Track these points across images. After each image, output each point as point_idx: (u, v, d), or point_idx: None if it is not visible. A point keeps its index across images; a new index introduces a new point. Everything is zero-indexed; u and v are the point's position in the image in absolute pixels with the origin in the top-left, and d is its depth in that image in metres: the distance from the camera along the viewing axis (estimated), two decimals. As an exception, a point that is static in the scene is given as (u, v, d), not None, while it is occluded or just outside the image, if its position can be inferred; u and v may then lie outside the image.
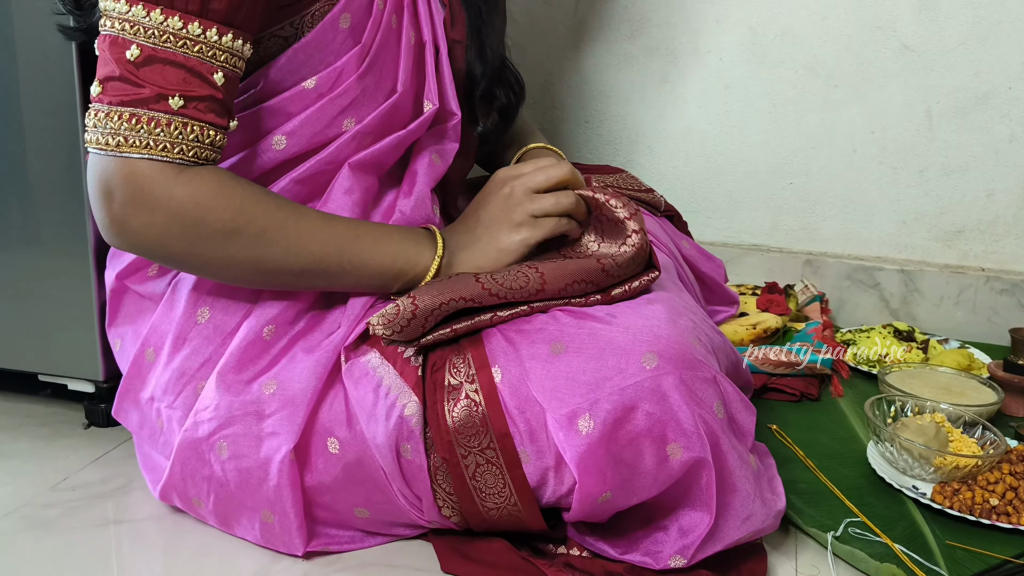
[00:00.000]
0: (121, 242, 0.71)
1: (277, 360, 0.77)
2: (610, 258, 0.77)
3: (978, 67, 1.26)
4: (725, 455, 0.70)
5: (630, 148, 1.44)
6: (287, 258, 0.73)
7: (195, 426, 0.77)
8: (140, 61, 0.66)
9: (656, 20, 1.38)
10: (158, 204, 0.68)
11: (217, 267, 0.73)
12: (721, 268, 1.15)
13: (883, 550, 0.76)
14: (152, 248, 0.71)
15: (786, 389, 1.09)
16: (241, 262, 0.72)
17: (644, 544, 0.73)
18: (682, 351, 0.69)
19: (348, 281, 0.76)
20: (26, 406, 1.10)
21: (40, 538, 0.81)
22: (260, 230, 0.71)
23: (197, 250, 0.71)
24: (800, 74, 1.34)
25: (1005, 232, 1.31)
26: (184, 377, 0.79)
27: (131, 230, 0.69)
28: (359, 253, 0.75)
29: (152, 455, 0.86)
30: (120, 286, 0.85)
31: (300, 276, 0.74)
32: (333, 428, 0.75)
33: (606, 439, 0.68)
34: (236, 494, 0.77)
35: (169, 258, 0.72)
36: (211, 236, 0.70)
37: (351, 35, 0.76)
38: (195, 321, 0.78)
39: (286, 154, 0.77)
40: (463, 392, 0.72)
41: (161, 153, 0.67)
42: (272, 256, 0.72)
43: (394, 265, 0.76)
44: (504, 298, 0.73)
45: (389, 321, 0.70)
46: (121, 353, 0.86)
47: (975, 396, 1.01)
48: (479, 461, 0.72)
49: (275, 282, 0.75)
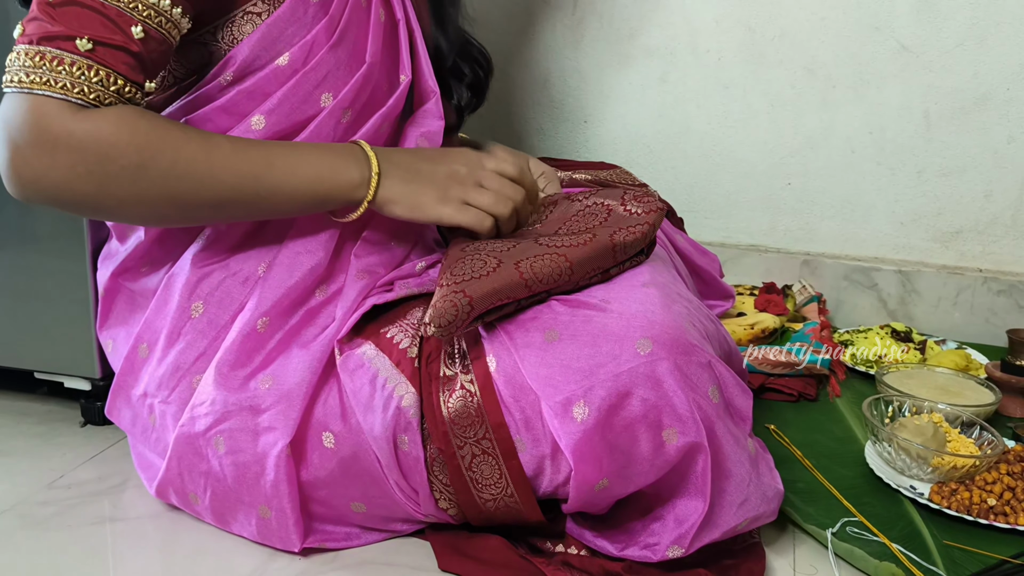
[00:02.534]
0: (23, 188, 0.68)
1: (273, 356, 0.77)
2: (620, 237, 0.75)
3: (976, 68, 1.26)
4: (720, 440, 0.70)
5: (629, 147, 1.44)
6: (201, 191, 0.71)
7: (192, 421, 0.77)
8: (58, 2, 0.67)
9: (655, 20, 1.38)
10: (58, 142, 0.66)
11: (131, 206, 0.70)
12: (716, 262, 1.15)
13: (881, 549, 0.76)
14: (58, 193, 0.68)
15: (784, 389, 1.09)
16: (155, 199, 0.70)
17: (642, 537, 0.73)
18: (676, 336, 0.69)
19: (271, 209, 0.74)
20: (22, 404, 1.09)
21: (36, 536, 0.81)
22: (169, 164, 0.69)
23: (107, 190, 0.68)
24: (798, 74, 1.34)
25: (1003, 233, 1.31)
26: (179, 372, 0.78)
27: (33, 173, 0.67)
28: (275, 179, 0.73)
29: (145, 453, 0.86)
30: (114, 285, 0.85)
31: (219, 209, 0.73)
32: (328, 422, 0.75)
33: (601, 426, 0.68)
34: (233, 489, 0.77)
35: (79, 203, 0.70)
36: (119, 174, 0.68)
37: (320, 8, 0.76)
38: (189, 316, 0.78)
39: (266, 134, 0.76)
40: (458, 382, 0.72)
41: (60, 91, 0.66)
42: (185, 189, 0.70)
43: (317, 189, 0.74)
44: (536, 291, 0.72)
45: (448, 321, 0.68)
46: (114, 353, 0.86)
47: (973, 396, 1.01)
48: (475, 452, 0.72)
49: (195, 216, 0.74)
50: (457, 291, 0.69)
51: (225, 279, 0.78)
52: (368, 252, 0.81)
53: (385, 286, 0.81)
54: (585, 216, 0.80)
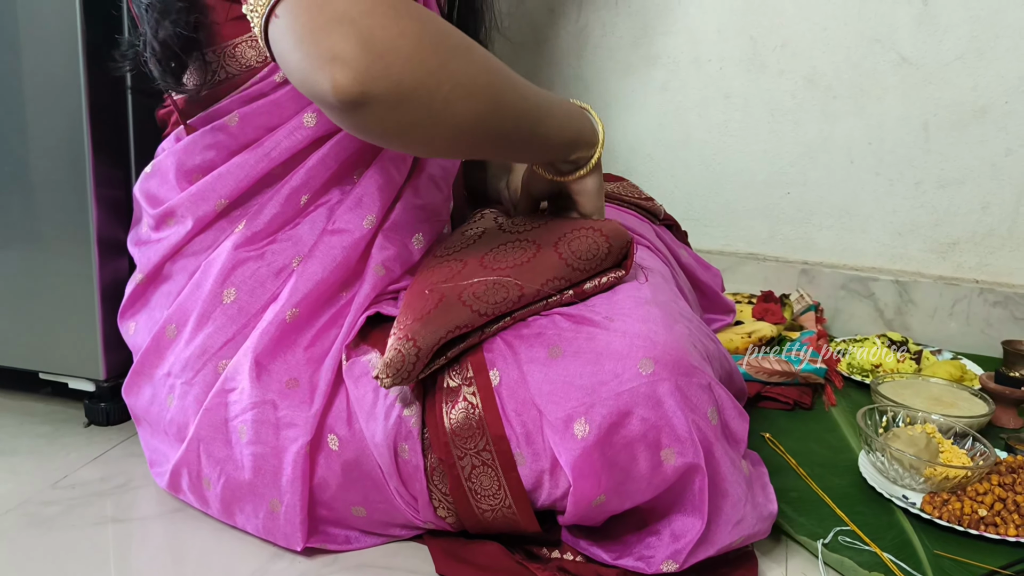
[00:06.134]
0: (372, 65, 0.59)
1: (300, 352, 0.79)
2: (565, 246, 0.77)
3: (975, 81, 1.28)
4: (718, 461, 0.71)
5: (629, 156, 1.45)
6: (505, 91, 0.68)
7: (220, 406, 0.78)
8: None
9: (658, 29, 1.39)
10: (400, 9, 0.60)
11: (461, 98, 0.64)
12: (718, 277, 1.16)
13: (872, 559, 0.77)
14: (409, 67, 0.60)
15: (780, 398, 1.10)
16: (481, 88, 0.65)
17: (637, 549, 0.74)
18: (678, 357, 0.70)
19: (526, 154, 0.80)
20: (27, 404, 1.10)
21: (40, 536, 0.82)
22: (482, 55, 0.67)
23: (448, 67, 0.62)
24: (799, 85, 1.35)
25: (999, 245, 1.32)
26: (205, 355, 0.80)
27: (383, 44, 0.59)
28: (548, 127, 0.75)
29: (158, 446, 0.86)
30: (156, 272, 0.86)
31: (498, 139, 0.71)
32: (335, 425, 0.76)
33: (601, 443, 0.69)
34: (249, 479, 0.78)
35: (420, 81, 0.61)
36: (455, 49, 0.63)
37: None
38: (220, 301, 0.80)
39: (316, 131, 0.78)
40: (461, 395, 0.73)
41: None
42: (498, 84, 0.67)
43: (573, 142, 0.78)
44: (491, 315, 0.74)
45: (396, 370, 0.70)
46: (135, 336, 0.87)
47: (966, 407, 1.02)
48: (475, 463, 0.73)
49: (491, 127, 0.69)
50: (402, 338, 0.71)
51: (260, 268, 0.80)
52: (387, 246, 0.82)
53: (392, 295, 0.83)
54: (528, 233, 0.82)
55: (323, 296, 0.80)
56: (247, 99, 0.79)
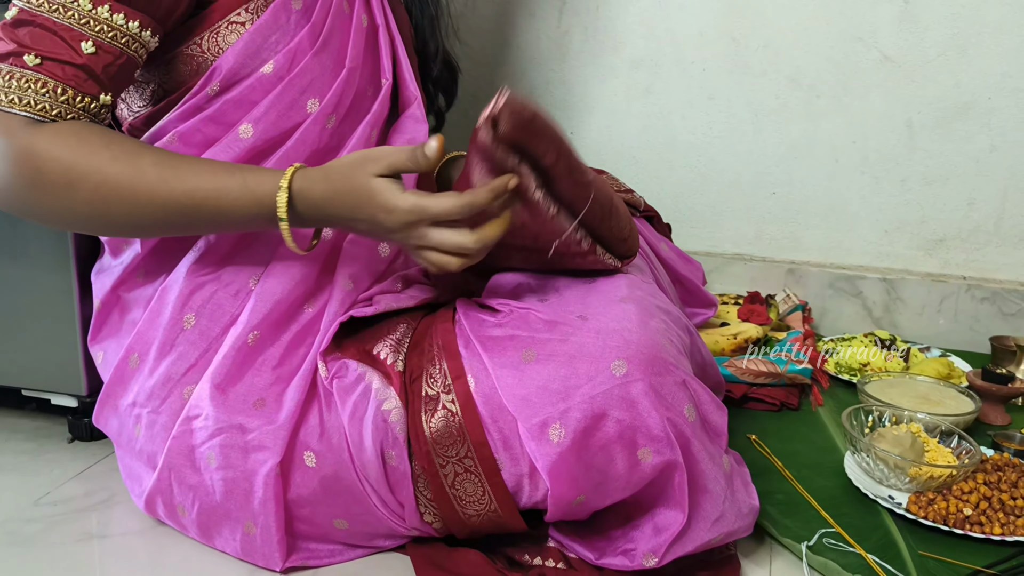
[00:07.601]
0: None
1: (265, 374, 0.78)
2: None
3: (958, 78, 1.27)
4: (696, 457, 0.71)
5: (615, 159, 1.45)
6: (133, 214, 0.72)
7: (188, 433, 0.78)
8: (14, 22, 0.70)
9: (640, 32, 1.39)
10: (8, 153, 0.69)
11: (63, 219, 0.73)
12: (699, 271, 1.16)
13: (856, 561, 0.77)
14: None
15: (766, 399, 1.09)
16: (86, 216, 0.72)
17: (621, 543, 0.75)
18: (652, 356, 0.70)
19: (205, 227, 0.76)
20: (10, 420, 1.10)
21: (22, 553, 0.82)
22: (93, 186, 0.70)
23: (40, 201, 0.71)
24: (782, 85, 1.35)
25: (986, 241, 1.32)
26: (170, 383, 0.79)
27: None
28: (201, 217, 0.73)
29: (133, 466, 0.86)
30: (111, 298, 0.86)
31: (150, 229, 0.75)
32: (309, 441, 0.76)
33: (577, 447, 0.69)
34: (221, 504, 0.78)
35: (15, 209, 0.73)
36: (49, 189, 0.70)
37: (303, 15, 0.78)
38: (181, 327, 0.79)
39: (254, 141, 0.78)
40: (440, 402, 0.73)
41: (9, 105, 0.69)
42: (114, 211, 0.72)
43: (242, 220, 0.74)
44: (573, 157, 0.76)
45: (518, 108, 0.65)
46: (104, 364, 0.87)
47: (953, 405, 1.02)
48: (457, 470, 0.73)
49: (133, 232, 0.78)
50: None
51: (217, 291, 0.80)
52: (353, 260, 0.82)
53: (366, 301, 0.82)
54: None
55: (284, 315, 0.79)
56: (185, 116, 0.78)
